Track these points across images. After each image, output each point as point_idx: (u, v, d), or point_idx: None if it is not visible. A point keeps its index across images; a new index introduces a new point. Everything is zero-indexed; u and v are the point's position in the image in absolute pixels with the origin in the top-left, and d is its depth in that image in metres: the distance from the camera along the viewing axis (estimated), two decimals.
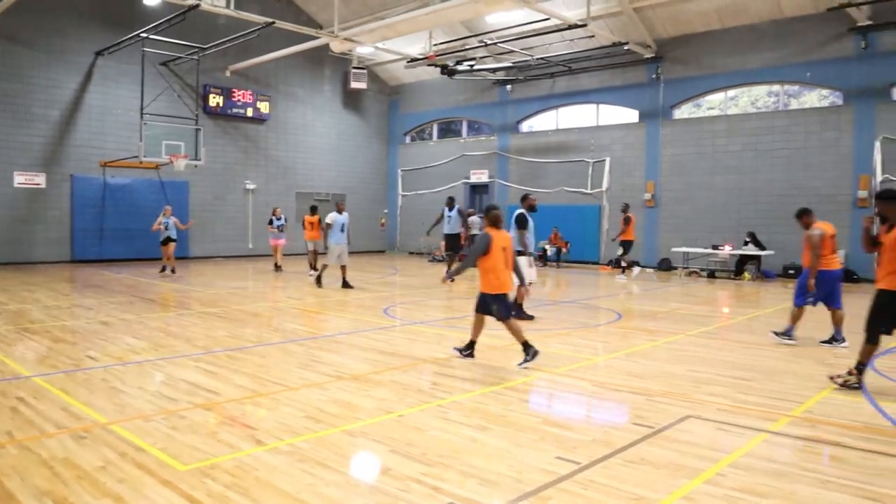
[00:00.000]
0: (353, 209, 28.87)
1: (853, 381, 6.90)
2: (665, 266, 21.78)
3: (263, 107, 25.72)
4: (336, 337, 9.48)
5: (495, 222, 7.91)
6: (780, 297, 15.44)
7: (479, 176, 26.76)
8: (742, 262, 19.52)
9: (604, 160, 23.22)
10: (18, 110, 20.58)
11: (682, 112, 22.23)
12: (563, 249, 23.50)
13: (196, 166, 22.15)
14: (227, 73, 24.76)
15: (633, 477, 4.52)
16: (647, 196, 22.30)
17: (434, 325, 10.72)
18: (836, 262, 9.31)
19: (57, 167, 21.33)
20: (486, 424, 5.58)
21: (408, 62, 25.10)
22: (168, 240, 18.05)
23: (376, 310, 12.34)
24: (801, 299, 9.38)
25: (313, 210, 18.97)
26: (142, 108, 20.65)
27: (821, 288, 9.16)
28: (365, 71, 27.98)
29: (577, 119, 24.75)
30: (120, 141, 22.13)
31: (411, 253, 28.88)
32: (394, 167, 30.07)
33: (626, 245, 19.39)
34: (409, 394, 6.49)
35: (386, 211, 30.33)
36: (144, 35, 20.13)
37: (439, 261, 24.77)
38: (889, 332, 6.72)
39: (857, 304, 14.29)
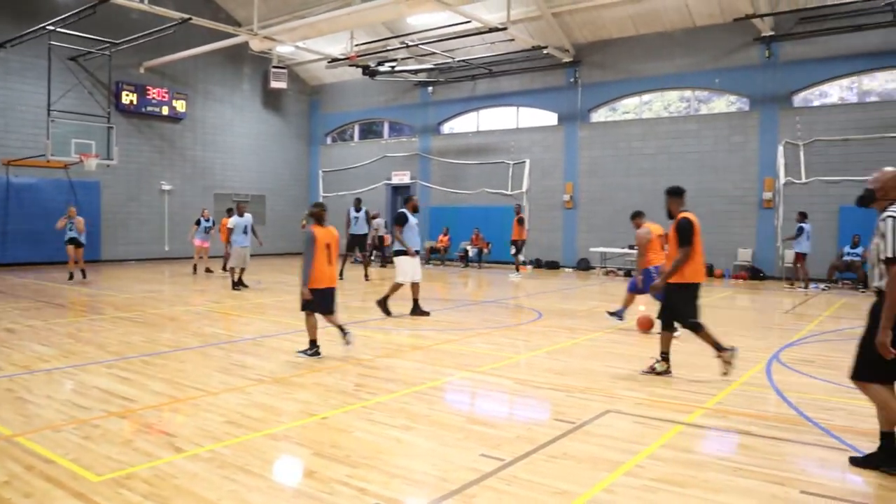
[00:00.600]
0: (273, 211, 28.44)
1: (663, 369, 7.39)
2: (584, 266, 22.26)
3: (180, 105, 24.98)
4: (257, 340, 9.29)
5: (319, 219, 8.22)
6: None
7: (401, 177, 26.73)
8: None
9: (523, 162, 23.56)
10: None
11: (599, 115, 22.78)
12: (485, 250, 23.71)
13: (108, 166, 21.38)
14: (142, 70, 23.96)
15: (555, 471, 4.59)
16: (566, 197, 22.75)
17: (356, 326, 10.62)
18: (664, 259, 9.75)
19: None
20: (411, 424, 5.57)
21: (329, 62, 24.87)
22: (74, 242, 16.91)
23: (298, 312, 11.98)
24: (634, 286, 10.71)
25: (230, 212, 18.59)
26: (49, 105, 19.76)
27: (648, 281, 10.02)
28: (285, 70, 27.58)
29: (498, 121, 25.03)
30: (25, 139, 21.10)
31: None
32: (315, 168, 29.72)
33: (519, 245, 19.97)
34: (333, 396, 6.42)
35: (306, 212, 29.89)
36: (51, 28, 19.24)
37: (360, 262, 24.57)
38: (692, 320, 7.16)
39: (764, 301, 14.98)
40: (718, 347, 7.17)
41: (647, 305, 12.17)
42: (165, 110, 24.59)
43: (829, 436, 5.44)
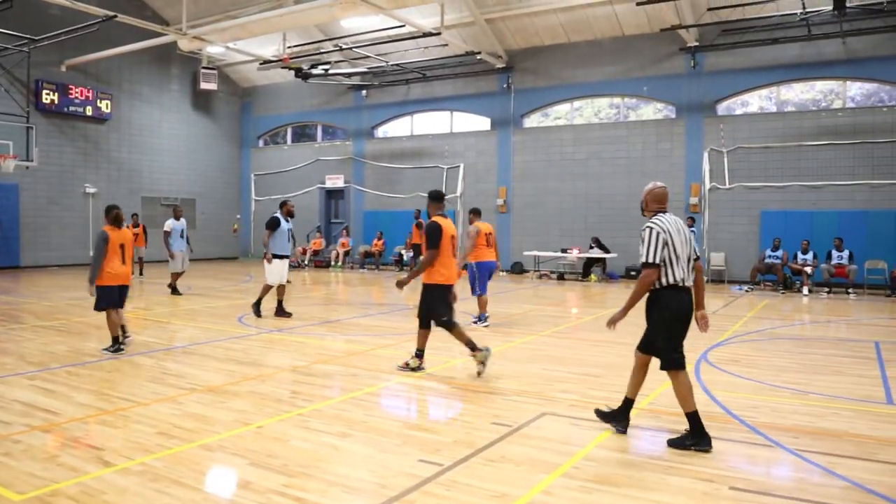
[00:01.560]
0: (204, 214, 27.81)
1: (416, 365, 7.73)
2: (518, 269, 22.52)
3: (104, 105, 24.19)
4: (189, 348, 9.06)
5: (115, 221, 8.68)
6: (624, 296, 16.36)
7: (335, 181, 26.52)
8: (589, 265, 20.55)
9: (458, 166, 23.63)
10: None
11: (532, 121, 23.10)
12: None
13: (27, 168, 20.58)
14: (63, 69, 23.09)
15: (494, 475, 4.63)
16: (500, 202, 22.97)
17: (290, 332, 10.50)
18: (491, 254, 11.19)
19: None
20: (348, 431, 5.53)
21: (261, 64, 24.50)
22: None
23: (230, 318, 11.94)
24: (476, 289, 11.18)
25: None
26: None
27: (481, 274, 11.00)
28: (215, 71, 27.05)
29: (432, 125, 25.11)
30: None
31: None
32: (246, 171, 29.20)
33: (418, 249, 20.39)
34: (268, 404, 6.31)
35: (239, 216, 29.40)
36: None
37: (294, 266, 24.32)
38: (451, 317, 7.66)
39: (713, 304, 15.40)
40: (472, 347, 7.55)
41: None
42: (89, 110, 23.77)
43: (755, 433, 5.64)
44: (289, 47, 23.19)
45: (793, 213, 18.73)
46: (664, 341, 5.23)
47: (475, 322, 11.19)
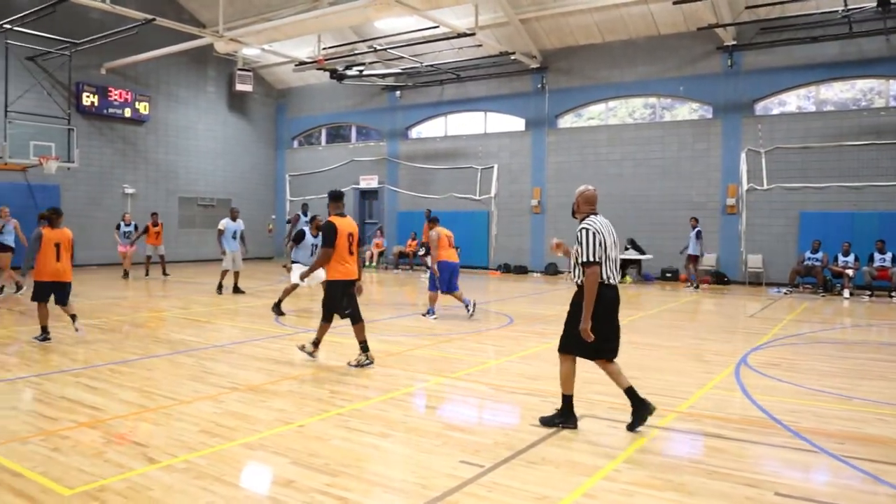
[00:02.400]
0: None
1: (364, 360, 8.03)
2: (552, 270, 22.42)
3: (142, 107, 24.58)
4: (227, 347, 9.18)
5: (51, 221, 9.41)
6: (660, 298, 16.22)
7: (369, 181, 26.65)
8: (624, 266, 20.39)
9: (492, 167, 23.67)
10: None
11: (566, 121, 22.99)
12: None
13: (69, 169, 20.99)
14: (103, 71, 23.52)
15: (535, 477, 4.62)
16: (534, 202, 22.90)
17: (328, 332, 10.55)
18: (454, 255, 12.32)
19: None
20: (388, 431, 5.56)
21: (295, 66, 24.70)
22: (4, 248, 14.97)
23: (268, 318, 12.06)
24: (433, 285, 12.14)
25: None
26: (6, 106, 19.39)
27: (443, 273, 12.05)
28: (251, 73, 27.33)
29: (466, 126, 25.08)
30: None
31: None
32: (281, 172, 29.48)
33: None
34: (308, 403, 6.38)
35: (273, 216, 29.68)
36: (8, 26, 18.83)
37: None
38: (356, 310, 8.13)
39: (728, 305, 15.22)
40: (364, 348, 8.07)
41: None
42: (128, 112, 24.18)
43: (798, 437, 5.56)
44: (323, 49, 23.36)
45: (833, 215, 18.39)
46: (596, 335, 5.44)
47: (425, 314, 12.15)
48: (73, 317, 9.71)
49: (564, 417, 5.71)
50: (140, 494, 4.25)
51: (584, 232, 5.49)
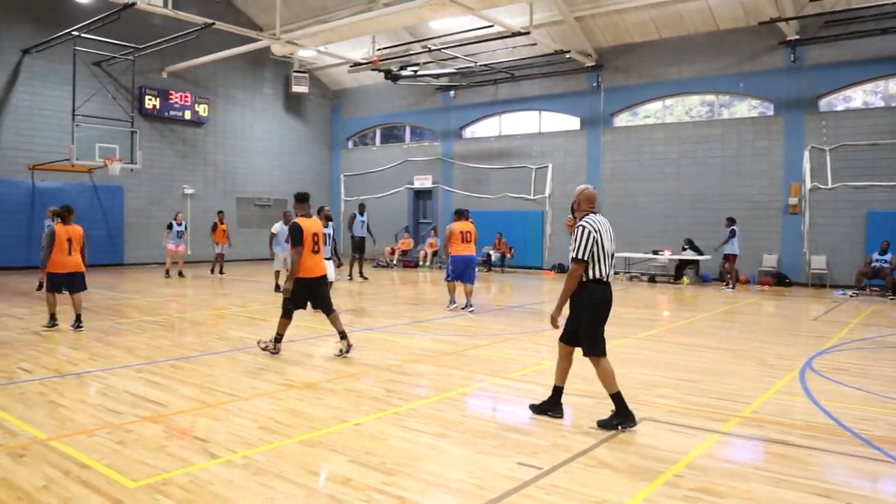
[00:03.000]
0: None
1: (272, 349, 8.53)
2: None
3: (202, 109, 25.18)
4: (284, 345, 9.27)
5: (63, 218, 10.28)
6: (718, 300, 15.85)
7: (423, 181, 26.71)
8: (681, 267, 20.00)
9: (546, 166, 23.49)
10: None
11: (622, 120, 22.67)
12: (508, 255, 23.66)
13: (132, 170, 21.53)
14: (164, 75, 24.15)
15: (594, 481, 4.54)
16: None
17: (383, 331, 10.64)
18: (467, 249, 12.88)
19: None
20: (445, 431, 5.53)
21: (351, 67, 24.95)
22: None
23: (323, 317, 11.98)
24: (448, 275, 12.98)
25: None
26: (73, 110, 19.94)
27: (455, 267, 12.84)
28: (306, 75, 27.69)
29: (520, 126, 24.97)
30: (50, 143, 21.31)
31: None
32: (336, 172, 29.79)
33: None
34: (365, 402, 6.40)
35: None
36: (76, 33, 19.44)
37: (383, 266, 24.68)
38: (302, 308, 8.59)
39: (791, 308, 14.77)
40: (278, 338, 8.53)
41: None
42: (188, 114, 24.78)
43: (870, 446, 5.34)
44: (378, 49, 23.52)
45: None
46: (587, 330, 5.66)
47: (463, 308, 12.90)
48: (78, 316, 10.37)
49: (621, 417, 5.67)
50: (202, 489, 4.31)
51: (580, 229, 5.64)
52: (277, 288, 16.04)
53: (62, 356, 8.32)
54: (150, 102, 23.71)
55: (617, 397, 5.68)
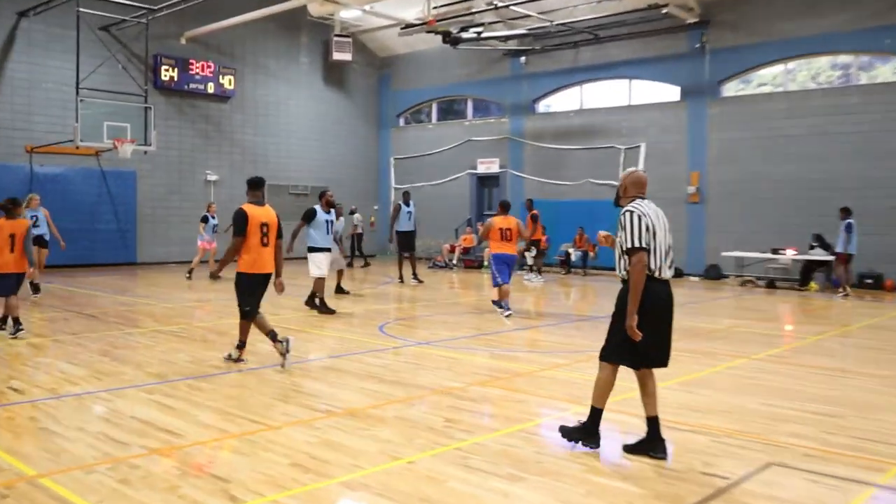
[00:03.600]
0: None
1: (235, 356, 8.92)
2: (713, 274, 21.57)
3: (227, 81, 25.49)
4: (324, 361, 9.21)
5: (7, 212, 10.52)
6: (859, 310, 15.19)
7: (489, 165, 26.59)
8: (808, 270, 19.29)
9: (638, 146, 23.01)
10: None
11: (732, 88, 22.13)
12: (591, 254, 23.33)
13: (145, 153, 21.82)
14: (183, 41, 24.47)
15: None
16: (691, 190, 22.12)
17: (441, 345, 10.48)
18: (508, 248, 13.32)
19: None
20: (519, 473, 5.29)
21: (402, 29, 24.91)
22: (39, 241, 15.31)
23: (370, 327, 12.13)
24: (496, 280, 13.28)
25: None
26: (77, 82, 20.26)
27: (498, 265, 13.22)
28: (350, 40, 27.78)
29: (606, 97, 24.65)
30: (51, 122, 21.82)
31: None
32: (385, 155, 29.88)
33: (536, 245, 20.97)
34: (420, 434, 6.21)
35: (376, 207, 30.09)
36: None
37: (441, 266, 24.57)
38: (254, 308, 8.84)
39: None
40: (273, 337, 8.67)
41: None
42: (211, 87, 25.11)
43: None
44: (434, 8, 23.37)
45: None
46: (629, 336, 5.59)
47: (498, 309, 13.31)
48: (16, 320, 10.51)
49: (585, 433, 5.82)
50: None
51: (627, 215, 5.65)
52: (338, 289, 16.19)
53: (60, 373, 8.36)
54: (167, 73, 24.08)
55: (595, 413, 5.84)
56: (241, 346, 8.95)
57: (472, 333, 11.69)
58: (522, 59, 26.03)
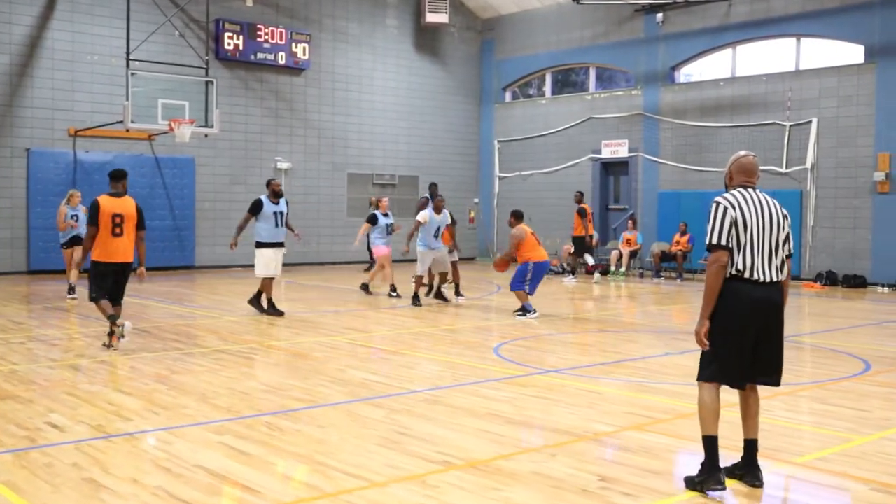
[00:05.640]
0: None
1: (107, 342, 10.85)
2: None
3: (301, 50, 25.53)
4: (430, 393, 8.70)
5: None
6: None
7: (616, 148, 26.11)
8: None
9: (808, 122, 22.29)
10: None
11: None
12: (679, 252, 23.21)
13: (206, 136, 21.93)
14: (249, 3, 24.55)
15: None
16: (879, 176, 21.17)
17: (575, 374, 9.94)
18: (545, 254, 15.32)
19: (7, 138, 21.43)
20: None
21: None
22: (76, 240, 16.16)
23: (482, 348, 11.82)
24: (519, 285, 14.88)
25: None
26: (128, 53, 20.39)
27: (536, 275, 14.93)
28: None
29: (765, 62, 24.00)
30: (97, 100, 22.15)
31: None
32: (487, 136, 29.73)
33: (578, 243, 22.59)
34: (569, 497, 5.63)
35: (476, 200, 29.67)
36: None
37: (558, 272, 24.00)
38: (109, 295, 10.81)
39: None
40: (113, 320, 10.60)
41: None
42: (282, 58, 25.14)
43: None
44: None
45: None
46: (712, 343, 5.69)
47: (520, 314, 14.81)
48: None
49: (705, 474, 5.66)
50: None
51: (712, 207, 5.80)
52: (417, 298, 16.19)
53: (108, 405, 8.07)
54: (231, 42, 24.20)
55: (708, 443, 5.69)
56: (112, 330, 10.69)
57: (613, 359, 11.13)
58: (659, 16, 25.36)
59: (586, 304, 18.15)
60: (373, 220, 18.14)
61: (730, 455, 5.86)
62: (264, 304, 14.64)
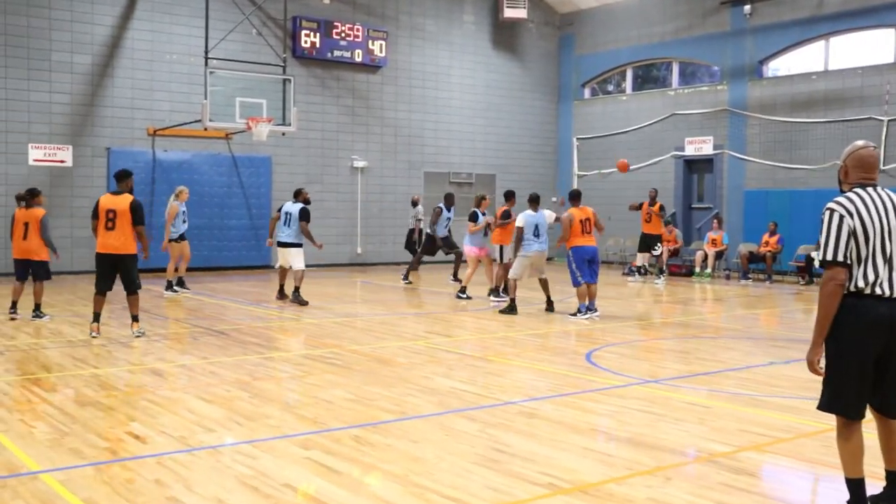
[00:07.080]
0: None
1: (93, 332, 11.89)
2: None
3: (378, 48, 25.41)
4: (525, 405, 8.21)
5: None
6: None
7: (700, 146, 25.48)
8: None
9: None
10: (33, 57, 20.79)
11: None
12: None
13: (283, 134, 21.83)
14: (327, 0, 24.35)
15: None
16: None
17: (677, 385, 9.41)
18: (589, 240, 14.64)
19: (88, 137, 21.55)
20: None
21: None
22: (184, 236, 17.99)
23: (572, 354, 11.45)
24: (574, 280, 14.53)
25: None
26: (206, 52, 20.31)
27: (579, 264, 14.37)
28: None
29: (861, 54, 23.21)
30: (175, 99, 22.19)
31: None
32: (566, 134, 29.37)
33: (650, 241, 22.10)
34: None
35: (554, 199, 29.10)
36: None
37: (627, 273, 23.49)
38: (108, 287, 12.00)
39: None
40: (95, 317, 11.92)
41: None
42: (358, 55, 25.01)
43: None
44: None
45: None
46: (829, 367, 5.08)
47: (574, 315, 14.57)
48: (37, 306, 13.50)
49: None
50: None
51: (825, 215, 5.05)
52: (514, 307, 15.52)
53: (190, 413, 7.74)
54: (308, 40, 24.11)
55: (853, 487, 5.05)
56: (96, 318, 11.92)
57: (714, 368, 10.54)
58: (747, 8, 24.70)
59: (675, 308, 17.53)
60: (473, 217, 18.00)
61: (870, 484, 5.27)
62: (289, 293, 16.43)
